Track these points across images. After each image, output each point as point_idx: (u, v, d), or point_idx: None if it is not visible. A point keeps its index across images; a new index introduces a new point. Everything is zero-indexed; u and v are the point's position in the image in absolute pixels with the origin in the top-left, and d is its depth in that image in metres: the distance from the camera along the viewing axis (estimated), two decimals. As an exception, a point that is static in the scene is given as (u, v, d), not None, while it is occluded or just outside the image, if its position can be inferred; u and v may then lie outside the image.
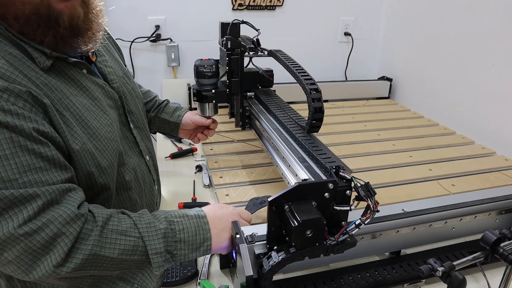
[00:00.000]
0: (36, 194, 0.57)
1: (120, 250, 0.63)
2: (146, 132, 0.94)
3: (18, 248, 0.56)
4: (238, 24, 1.23)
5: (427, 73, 1.92)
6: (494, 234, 0.65)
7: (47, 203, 0.58)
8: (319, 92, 0.97)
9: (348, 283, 0.83)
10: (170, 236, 0.68)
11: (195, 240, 0.71)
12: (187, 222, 0.72)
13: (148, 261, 0.67)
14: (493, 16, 1.51)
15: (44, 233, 0.57)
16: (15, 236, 0.55)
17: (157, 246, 0.66)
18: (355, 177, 0.73)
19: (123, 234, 0.64)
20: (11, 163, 0.55)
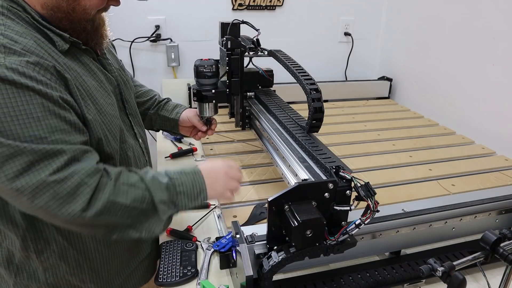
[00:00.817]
0: (62, 150, 0.67)
1: (131, 199, 0.74)
2: (138, 119, 1.04)
3: (48, 195, 0.66)
4: (238, 24, 1.23)
5: (427, 73, 1.92)
6: (494, 234, 0.65)
7: (71, 159, 0.68)
8: (319, 92, 0.97)
9: (348, 283, 0.83)
10: (172, 189, 0.79)
11: (193, 191, 0.82)
12: (185, 178, 0.82)
13: (154, 210, 0.77)
14: (493, 16, 1.51)
15: (70, 182, 0.67)
16: (47, 183, 0.65)
17: (161, 196, 0.77)
18: (355, 177, 0.73)
19: (132, 186, 0.75)
20: (42, 124, 0.66)
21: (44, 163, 0.66)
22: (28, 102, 0.65)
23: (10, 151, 0.63)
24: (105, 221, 0.72)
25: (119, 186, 0.74)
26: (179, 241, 0.97)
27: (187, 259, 0.90)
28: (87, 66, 0.82)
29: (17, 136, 0.64)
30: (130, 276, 0.98)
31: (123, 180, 0.75)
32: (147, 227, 0.78)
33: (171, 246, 0.95)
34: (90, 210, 0.69)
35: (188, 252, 0.93)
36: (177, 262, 0.89)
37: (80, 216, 0.68)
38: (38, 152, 0.65)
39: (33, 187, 0.65)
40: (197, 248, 0.95)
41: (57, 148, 0.67)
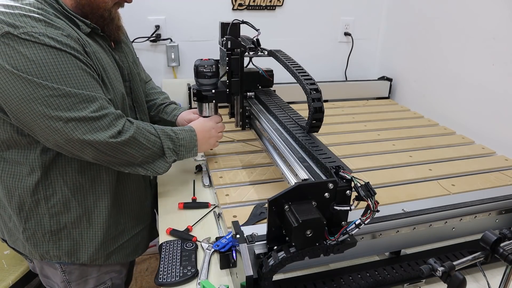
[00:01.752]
0: (95, 97, 0.88)
1: (147, 140, 0.98)
2: (143, 108, 1.20)
3: (88, 127, 0.87)
4: (238, 24, 1.23)
5: (427, 73, 1.92)
6: (494, 234, 0.65)
7: (102, 105, 0.89)
8: (319, 92, 0.97)
9: (348, 283, 0.83)
10: (176, 141, 1.05)
11: (190, 145, 1.09)
12: (184, 134, 1.08)
13: (162, 154, 1.02)
14: (493, 16, 1.51)
15: (104, 120, 0.89)
16: (88, 118, 0.86)
17: (169, 144, 1.03)
18: (355, 177, 0.73)
19: (149, 132, 0.99)
20: (78, 78, 0.85)
21: (84, 105, 0.86)
22: (67, 62, 0.84)
23: (58, 92, 0.82)
24: (125, 153, 0.94)
25: (139, 128, 0.96)
26: (179, 241, 0.97)
27: (187, 259, 0.90)
28: (104, 49, 1.00)
29: (63, 83, 0.83)
30: (123, 246, 1.13)
31: (142, 126, 0.98)
32: (153, 167, 1.02)
33: (171, 246, 0.95)
34: (118, 139, 0.91)
35: (188, 252, 0.93)
36: (177, 262, 0.89)
37: (108, 142, 0.89)
38: (79, 95, 0.85)
39: (78, 120, 0.85)
40: (197, 248, 0.95)
41: (91, 94, 0.87)
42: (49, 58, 0.81)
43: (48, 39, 0.81)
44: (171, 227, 1.03)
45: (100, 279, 1.13)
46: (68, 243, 1.04)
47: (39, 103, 0.81)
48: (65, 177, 0.99)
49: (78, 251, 1.05)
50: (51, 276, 1.13)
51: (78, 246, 1.05)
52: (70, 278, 1.09)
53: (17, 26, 0.79)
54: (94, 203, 1.04)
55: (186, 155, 1.08)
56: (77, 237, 1.04)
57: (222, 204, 1.10)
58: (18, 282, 1.46)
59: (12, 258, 1.52)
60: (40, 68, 0.80)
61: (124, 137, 0.92)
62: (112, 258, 1.11)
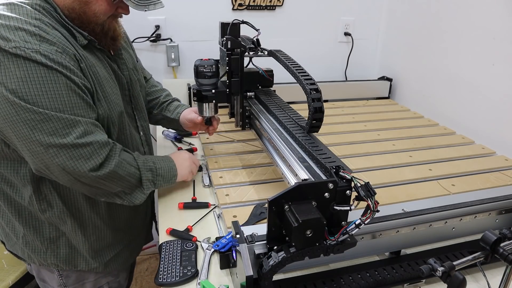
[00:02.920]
0: (80, 121, 0.85)
1: (126, 173, 0.95)
2: (143, 114, 1.20)
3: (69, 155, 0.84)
4: (238, 24, 1.23)
5: (427, 73, 1.92)
6: (494, 234, 0.65)
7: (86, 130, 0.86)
8: (319, 92, 0.97)
9: (348, 283, 0.83)
10: (155, 172, 1.03)
11: (168, 175, 1.07)
12: (163, 164, 1.07)
13: (140, 185, 1.00)
14: (493, 16, 1.51)
15: (87, 149, 0.86)
16: (70, 145, 0.83)
17: (148, 176, 1.01)
18: (355, 177, 0.73)
19: (129, 164, 0.97)
20: (65, 99, 0.82)
21: (67, 130, 0.83)
22: (56, 81, 0.81)
23: (41, 117, 0.80)
24: (103, 184, 0.91)
25: (120, 162, 0.93)
26: (179, 241, 0.97)
27: (187, 259, 0.90)
28: (101, 60, 0.98)
29: (46, 107, 0.80)
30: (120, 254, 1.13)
31: (123, 157, 0.95)
32: (130, 198, 1.00)
33: (171, 246, 0.95)
34: (98, 172, 0.88)
35: (188, 252, 0.93)
36: (177, 262, 0.89)
37: (88, 175, 0.87)
38: (62, 120, 0.82)
39: (59, 147, 0.82)
40: (197, 248, 0.95)
41: (76, 119, 0.84)
42: (37, 77, 0.79)
43: (40, 56, 0.79)
44: (171, 227, 1.03)
45: (97, 283, 1.14)
46: (66, 251, 1.04)
47: (21, 125, 0.80)
48: (59, 191, 0.98)
49: (75, 259, 1.05)
50: (47, 280, 1.12)
51: (76, 254, 1.05)
52: (67, 282, 1.10)
53: (9, 40, 0.77)
54: (89, 216, 1.03)
55: (165, 185, 1.08)
56: (75, 245, 1.04)
57: (222, 204, 1.10)
58: (18, 282, 1.46)
59: (12, 258, 1.52)
60: (27, 86, 0.78)
61: (104, 171, 0.89)
62: (110, 267, 1.12)
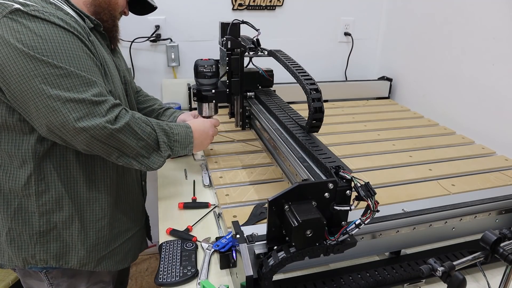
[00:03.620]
0: (96, 82, 0.88)
1: (141, 131, 0.95)
2: None
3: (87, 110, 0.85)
4: (238, 24, 1.23)
5: (427, 73, 1.92)
6: (494, 234, 0.65)
7: (101, 92, 0.88)
8: (319, 92, 0.97)
9: (348, 283, 0.83)
10: (170, 136, 1.03)
11: (184, 141, 1.06)
12: (180, 129, 1.06)
13: (157, 147, 0.99)
14: (493, 16, 1.51)
15: (103, 106, 0.87)
16: (87, 101, 0.85)
17: (163, 138, 1.00)
18: (355, 177, 0.73)
19: (144, 123, 0.97)
20: (82, 60, 0.86)
21: (85, 87, 0.85)
22: (73, 43, 0.85)
23: (61, 72, 0.82)
24: (120, 141, 0.91)
25: (135, 118, 0.95)
26: (179, 241, 0.97)
27: (187, 259, 0.90)
28: (104, 46, 1.02)
29: (67, 63, 0.83)
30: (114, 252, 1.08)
31: (137, 116, 0.97)
32: (147, 161, 0.98)
33: (171, 246, 0.95)
34: (113, 125, 0.88)
35: (188, 252, 0.93)
36: (177, 262, 0.89)
37: (105, 127, 0.86)
38: (81, 77, 0.85)
39: (76, 102, 0.83)
40: (197, 248, 0.95)
41: (93, 79, 0.87)
42: (56, 36, 0.82)
43: (58, 19, 0.83)
44: (171, 227, 1.03)
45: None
46: (57, 245, 0.98)
47: (39, 80, 0.80)
48: (59, 171, 0.94)
49: (67, 254, 1.00)
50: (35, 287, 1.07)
51: (67, 248, 0.99)
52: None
53: (27, 5, 0.81)
54: (88, 201, 0.99)
55: (181, 151, 1.05)
56: (67, 238, 0.99)
57: (222, 204, 1.10)
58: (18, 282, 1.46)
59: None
60: (46, 44, 0.80)
61: (120, 124, 0.89)
62: (102, 264, 1.06)
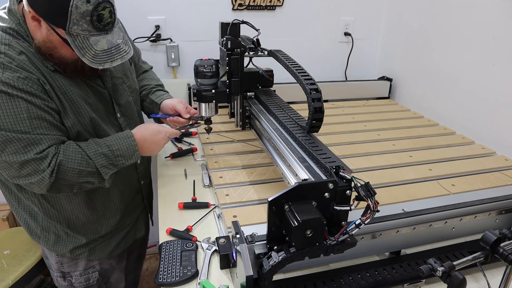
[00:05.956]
0: (42, 140, 0.91)
1: (77, 164, 0.95)
2: (134, 120, 1.21)
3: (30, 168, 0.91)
4: (238, 24, 1.23)
5: (427, 73, 1.92)
6: (494, 234, 0.65)
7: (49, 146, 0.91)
8: (319, 92, 0.97)
9: (348, 283, 0.83)
10: (110, 155, 1.01)
11: (127, 153, 1.04)
12: (121, 143, 1.04)
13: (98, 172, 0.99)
14: (493, 16, 1.51)
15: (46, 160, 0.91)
16: (33, 159, 0.89)
17: (102, 162, 0.99)
18: (355, 177, 0.73)
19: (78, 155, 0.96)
20: (27, 122, 0.88)
21: (30, 148, 0.89)
22: (17, 107, 0.87)
23: (4, 138, 0.86)
24: (65, 181, 0.95)
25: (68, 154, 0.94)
26: (179, 241, 0.97)
27: (187, 259, 0.90)
28: (74, 80, 1.00)
29: (9, 129, 0.86)
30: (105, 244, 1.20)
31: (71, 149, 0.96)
32: (97, 183, 1.01)
33: (171, 246, 0.95)
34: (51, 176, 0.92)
35: (188, 252, 0.93)
36: (177, 262, 0.89)
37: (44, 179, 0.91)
38: (24, 140, 0.88)
39: (20, 162, 0.89)
40: (197, 248, 0.95)
41: (38, 137, 0.90)
42: (1, 103, 0.85)
43: (1, 84, 0.84)
44: (171, 227, 1.03)
45: (89, 264, 1.21)
46: (54, 238, 1.13)
47: None
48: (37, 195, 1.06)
49: (62, 246, 1.14)
50: (49, 256, 1.22)
51: (63, 242, 1.14)
52: (62, 260, 1.19)
53: None
54: (71, 211, 1.10)
55: (127, 163, 1.05)
56: (63, 235, 1.13)
57: (222, 204, 1.10)
58: (18, 282, 1.46)
59: (12, 258, 1.52)
60: None
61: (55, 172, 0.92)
62: (94, 254, 1.19)
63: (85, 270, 1.21)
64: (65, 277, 1.22)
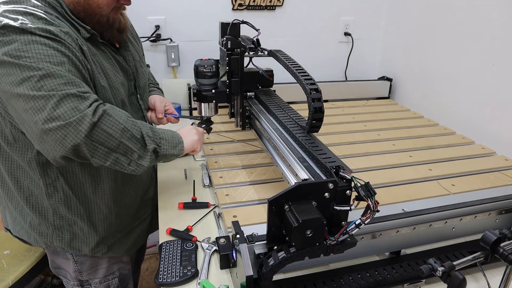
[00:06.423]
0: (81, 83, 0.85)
1: (124, 121, 0.88)
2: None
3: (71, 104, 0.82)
4: (238, 24, 1.23)
5: (427, 73, 1.92)
6: (494, 234, 0.65)
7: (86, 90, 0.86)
8: (319, 92, 0.97)
9: (348, 283, 0.83)
10: (155, 132, 0.95)
11: (173, 140, 0.99)
12: (165, 131, 0.99)
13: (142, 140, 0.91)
14: (493, 16, 1.51)
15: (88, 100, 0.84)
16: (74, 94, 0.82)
17: (147, 131, 0.92)
18: (355, 177, 0.73)
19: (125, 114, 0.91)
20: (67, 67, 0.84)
21: (70, 86, 0.83)
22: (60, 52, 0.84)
23: (45, 72, 0.81)
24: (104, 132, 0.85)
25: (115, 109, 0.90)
26: (179, 241, 0.97)
27: (187, 259, 0.90)
28: (104, 52, 1.02)
29: (50, 66, 0.82)
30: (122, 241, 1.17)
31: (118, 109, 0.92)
32: (135, 158, 0.91)
33: (171, 246, 0.95)
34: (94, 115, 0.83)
35: (188, 252, 0.93)
36: (177, 262, 0.89)
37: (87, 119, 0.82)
38: (66, 77, 0.83)
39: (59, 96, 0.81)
40: (197, 248, 0.95)
41: (77, 80, 0.85)
42: (41, 45, 0.82)
43: (45, 32, 0.83)
44: (171, 227, 1.03)
45: (110, 270, 1.18)
46: (69, 236, 1.08)
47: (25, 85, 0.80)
48: (66, 176, 1.00)
49: (79, 243, 1.09)
50: (63, 266, 1.17)
51: (79, 239, 1.09)
52: (81, 268, 1.15)
53: (17, 20, 0.82)
54: (95, 201, 1.06)
55: (171, 150, 0.97)
56: (78, 232, 1.08)
57: (222, 204, 1.10)
58: (18, 282, 1.46)
59: (12, 258, 1.52)
60: (31, 52, 0.81)
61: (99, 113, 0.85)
62: (112, 251, 1.15)
63: (105, 277, 1.18)
64: (83, 285, 1.17)
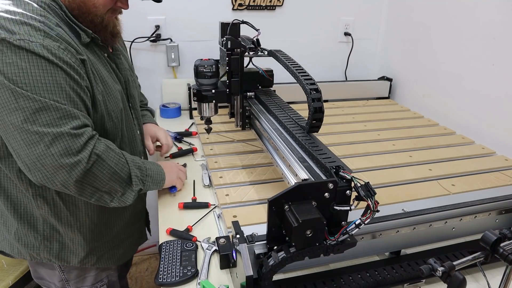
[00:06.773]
0: (77, 115, 0.85)
1: (114, 163, 0.92)
2: (139, 114, 1.22)
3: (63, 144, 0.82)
4: (238, 24, 1.23)
5: (427, 73, 1.92)
6: (494, 234, 0.65)
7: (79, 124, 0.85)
8: (319, 92, 0.97)
9: (348, 283, 0.83)
10: (143, 170, 1.02)
11: (157, 177, 1.07)
12: (152, 166, 1.07)
13: (129, 181, 0.97)
14: (493, 16, 1.51)
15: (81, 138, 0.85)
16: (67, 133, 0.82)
17: (136, 172, 0.98)
18: (355, 177, 0.73)
19: (117, 155, 0.94)
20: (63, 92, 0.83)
21: (65, 120, 0.83)
22: (56, 75, 0.82)
23: (40, 105, 0.80)
24: (93, 175, 0.88)
25: (108, 150, 0.91)
26: (179, 241, 0.97)
27: (187, 259, 0.90)
28: (102, 59, 1.01)
29: (46, 96, 0.81)
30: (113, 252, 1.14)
31: (112, 147, 0.93)
32: (119, 196, 0.96)
33: (171, 246, 0.95)
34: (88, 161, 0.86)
35: (188, 252, 0.93)
36: (177, 262, 0.89)
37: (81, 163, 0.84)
38: (60, 110, 0.82)
39: (56, 135, 0.81)
40: (197, 248, 0.95)
41: (74, 112, 0.84)
42: (40, 69, 0.80)
43: (43, 50, 0.80)
44: (171, 227, 1.03)
45: (98, 277, 1.16)
46: (58, 247, 1.04)
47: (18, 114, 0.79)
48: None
49: (68, 254, 1.06)
50: (46, 277, 1.14)
51: (68, 250, 1.06)
52: (69, 277, 1.12)
53: (14, 33, 0.78)
54: (86, 213, 1.04)
55: (152, 186, 1.06)
56: (68, 242, 1.05)
57: (222, 204, 1.10)
58: (17, 282, 1.46)
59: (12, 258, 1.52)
60: (27, 77, 0.79)
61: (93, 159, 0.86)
62: (101, 262, 1.12)
63: (93, 285, 1.16)
64: None
